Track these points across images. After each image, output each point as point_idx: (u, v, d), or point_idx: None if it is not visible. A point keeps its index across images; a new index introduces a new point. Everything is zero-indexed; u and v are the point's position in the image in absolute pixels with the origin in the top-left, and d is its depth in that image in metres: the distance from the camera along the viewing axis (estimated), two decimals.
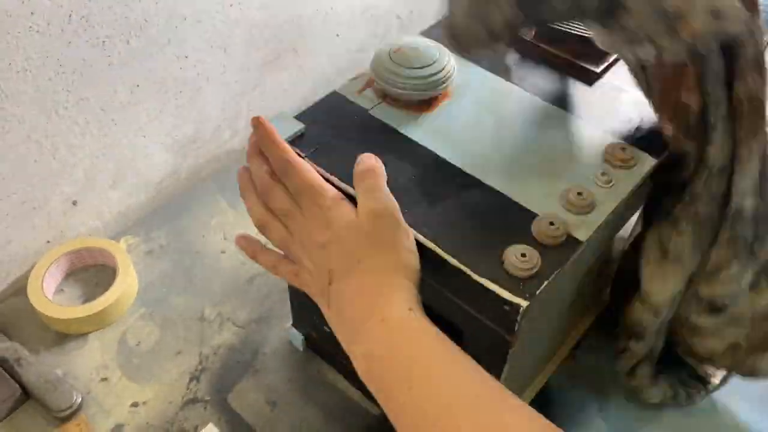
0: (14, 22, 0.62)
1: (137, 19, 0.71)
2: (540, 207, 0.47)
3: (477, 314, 0.45)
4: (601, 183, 0.49)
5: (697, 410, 0.69)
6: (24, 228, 0.75)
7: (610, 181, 0.49)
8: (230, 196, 0.88)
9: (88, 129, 0.74)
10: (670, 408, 0.68)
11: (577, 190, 0.47)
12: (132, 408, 0.67)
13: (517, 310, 0.42)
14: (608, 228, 0.50)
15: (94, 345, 0.72)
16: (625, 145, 0.51)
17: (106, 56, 0.71)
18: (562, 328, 0.68)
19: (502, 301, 0.42)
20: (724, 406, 0.69)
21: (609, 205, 0.48)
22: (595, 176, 0.49)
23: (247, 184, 0.52)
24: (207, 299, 0.77)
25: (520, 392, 0.65)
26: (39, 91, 0.67)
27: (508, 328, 0.44)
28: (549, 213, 0.46)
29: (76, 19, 0.66)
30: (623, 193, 0.49)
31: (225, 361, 0.71)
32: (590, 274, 0.60)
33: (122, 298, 0.74)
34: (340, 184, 0.48)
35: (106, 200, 0.82)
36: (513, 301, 0.42)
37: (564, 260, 0.44)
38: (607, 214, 0.47)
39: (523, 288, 0.42)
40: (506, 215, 0.47)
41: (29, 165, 0.71)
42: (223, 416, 0.67)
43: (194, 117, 0.85)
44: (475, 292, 0.44)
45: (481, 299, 0.44)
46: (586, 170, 0.50)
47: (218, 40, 0.81)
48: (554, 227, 0.45)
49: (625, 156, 0.50)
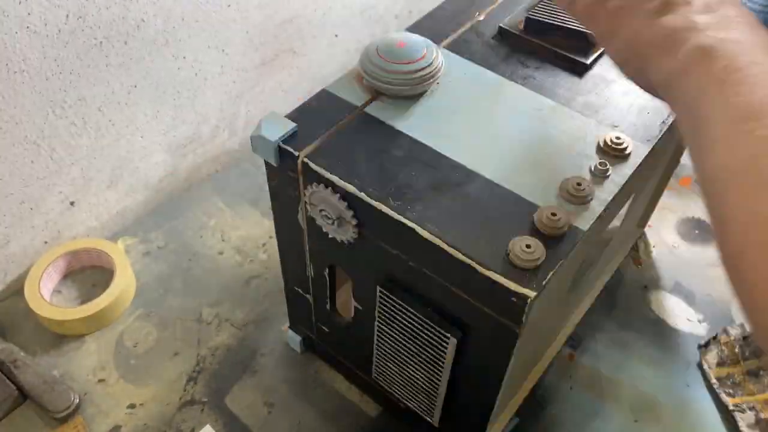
0: (11, 22, 0.62)
1: (135, 20, 0.71)
2: (540, 198, 0.47)
3: (484, 307, 0.46)
4: (597, 173, 0.49)
5: (696, 410, 0.69)
6: (22, 228, 0.75)
7: (606, 170, 0.49)
8: (228, 196, 0.88)
9: (86, 130, 0.74)
10: (669, 408, 0.68)
11: (576, 180, 0.48)
12: (129, 409, 0.67)
13: (525, 301, 0.42)
14: (607, 216, 0.50)
15: (91, 346, 0.72)
16: (619, 134, 0.51)
17: (104, 57, 0.71)
18: (562, 315, 0.68)
19: (510, 293, 0.42)
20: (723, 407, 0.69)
21: (608, 194, 0.48)
22: (591, 166, 0.50)
23: None
24: (205, 300, 0.77)
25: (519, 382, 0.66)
26: (36, 91, 0.67)
27: (516, 320, 0.44)
28: (550, 204, 0.47)
29: (73, 20, 0.66)
30: (620, 182, 0.49)
31: (222, 363, 0.71)
32: (590, 261, 0.60)
33: (119, 299, 0.74)
34: (340, 182, 0.48)
35: (103, 201, 0.82)
36: (520, 292, 0.42)
37: (568, 250, 0.44)
38: (607, 203, 0.48)
39: (529, 279, 0.42)
40: (508, 208, 0.47)
41: (26, 165, 0.71)
42: (220, 418, 0.67)
43: (192, 117, 0.85)
44: (482, 286, 0.44)
45: (488, 292, 0.44)
46: (582, 160, 0.50)
47: (216, 40, 0.81)
48: (556, 218, 0.45)
49: (619, 145, 0.51)
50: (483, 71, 0.58)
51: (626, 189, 0.51)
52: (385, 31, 1.05)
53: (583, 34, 0.58)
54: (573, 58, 0.58)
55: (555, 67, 0.58)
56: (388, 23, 1.04)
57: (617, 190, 0.49)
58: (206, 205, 0.87)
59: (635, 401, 0.69)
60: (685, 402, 0.70)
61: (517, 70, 0.58)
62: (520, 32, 0.60)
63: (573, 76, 0.58)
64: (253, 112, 0.93)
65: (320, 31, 0.94)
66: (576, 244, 0.45)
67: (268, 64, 0.90)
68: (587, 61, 0.58)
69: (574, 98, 0.56)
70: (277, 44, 0.89)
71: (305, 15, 0.90)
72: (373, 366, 0.61)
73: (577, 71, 0.58)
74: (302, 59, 0.95)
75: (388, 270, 0.51)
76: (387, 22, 1.04)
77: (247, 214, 0.86)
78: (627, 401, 0.69)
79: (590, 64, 0.58)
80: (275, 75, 0.92)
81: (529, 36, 0.60)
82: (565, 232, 0.45)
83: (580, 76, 0.58)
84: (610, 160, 0.50)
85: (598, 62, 0.59)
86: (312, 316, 0.65)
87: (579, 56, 0.58)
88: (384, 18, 1.03)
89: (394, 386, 0.61)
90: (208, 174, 0.92)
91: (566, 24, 0.59)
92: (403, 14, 1.06)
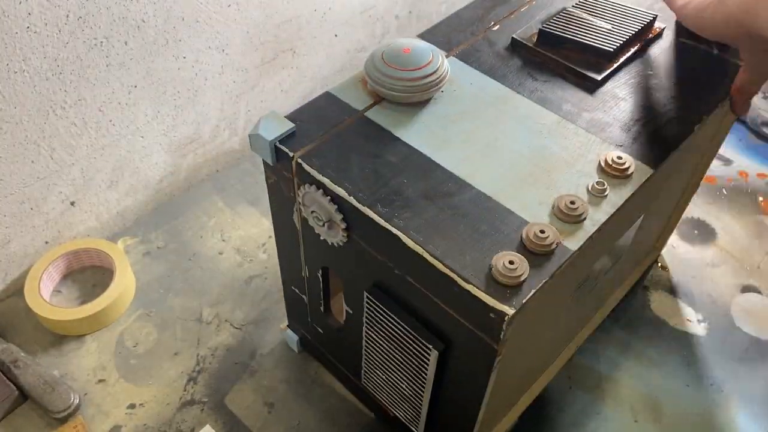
0: (11, 22, 0.62)
1: (135, 20, 0.71)
2: (532, 215, 0.47)
3: (465, 322, 0.45)
4: (595, 192, 0.48)
5: (696, 411, 0.69)
6: (22, 228, 0.75)
7: (604, 190, 0.48)
8: (228, 196, 0.88)
9: (86, 130, 0.74)
10: (669, 408, 0.68)
11: (569, 198, 0.47)
12: (129, 409, 0.67)
13: (502, 318, 0.41)
14: (604, 237, 0.49)
15: (91, 346, 0.72)
16: (622, 154, 0.50)
17: (104, 57, 0.71)
18: (568, 328, 0.68)
19: (488, 309, 0.42)
20: (724, 407, 0.69)
21: (603, 215, 0.47)
22: (589, 185, 0.49)
23: None
24: (205, 300, 0.77)
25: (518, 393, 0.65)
26: (36, 91, 0.67)
27: (495, 337, 0.43)
28: (541, 221, 0.46)
29: (73, 20, 0.66)
30: (618, 203, 0.48)
31: (222, 363, 0.71)
32: (593, 280, 0.60)
33: (120, 299, 0.74)
34: (332, 186, 0.48)
35: (104, 201, 0.82)
36: (499, 309, 0.41)
37: (554, 269, 0.44)
38: (600, 223, 0.46)
39: (509, 296, 0.42)
40: (497, 222, 0.46)
41: (27, 165, 0.71)
42: (220, 418, 0.67)
43: (192, 117, 0.85)
44: (462, 299, 0.43)
45: (468, 306, 0.43)
46: (580, 178, 0.49)
47: (216, 40, 0.81)
48: (544, 236, 0.44)
49: (620, 165, 0.50)
50: (490, 81, 0.57)
51: (627, 210, 0.50)
52: (386, 31, 1.05)
53: (598, 49, 0.57)
54: (584, 73, 0.57)
55: (565, 81, 0.57)
56: (388, 24, 1.04)
57: (613, 211, 0.47)
58: (206, 205, 0.87)
59: (635, 401, 0.69)
60: (685, 402, 0.70)
61: (526, 82, 0.57)
62: (533, 44, 0.59)
63: (583, 92, 0.57)
64: (253, 112, 0.93)
65: (320, 31, 0.94)
66: (563, 263, 0.44)
67: (268, 64, 0.90)
68: (599, 77, 0.57)
69: (581, 114, 0.55)
70: (277, 44, 0.89)
71: (305, 15, 0.90)
72: (362, 371, 0.61)
73: (587, 87, 0.57)
74: (302, 59, 0.95)
75: (376, 276, 0.51)
76: (387, 22, 1.04)
77: (247, 214, 0.86)
78: (627, 401, 0.69)
79: (602, 81, 0.57)
80: (275, 75, 0.92)
81: (541, 48, 0.59)
82: (553, 250, 0.44)
83: (591, 92, 0.57)
84: (610, 180, 0.49)
85: (612, 79, 0.58)
86: (308, 317, 0.65)
87: (591, 72, 0.57)
88: (384, 18, 1.03)
89: (381, 393, 0.61)
90: (208, 174, 0.92)
91: (581, 38, 0.58)
92: (403, 14, 1.06)
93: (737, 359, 0.73)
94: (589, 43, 0.58)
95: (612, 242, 0.57)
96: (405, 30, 1.08)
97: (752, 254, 0.83)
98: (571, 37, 0.58)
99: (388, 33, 1.05)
